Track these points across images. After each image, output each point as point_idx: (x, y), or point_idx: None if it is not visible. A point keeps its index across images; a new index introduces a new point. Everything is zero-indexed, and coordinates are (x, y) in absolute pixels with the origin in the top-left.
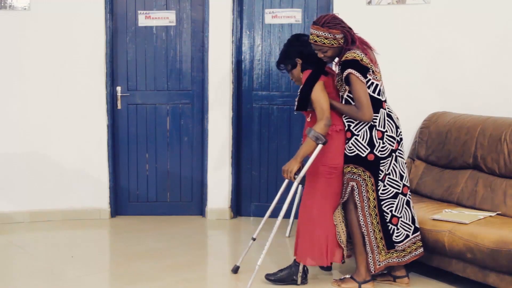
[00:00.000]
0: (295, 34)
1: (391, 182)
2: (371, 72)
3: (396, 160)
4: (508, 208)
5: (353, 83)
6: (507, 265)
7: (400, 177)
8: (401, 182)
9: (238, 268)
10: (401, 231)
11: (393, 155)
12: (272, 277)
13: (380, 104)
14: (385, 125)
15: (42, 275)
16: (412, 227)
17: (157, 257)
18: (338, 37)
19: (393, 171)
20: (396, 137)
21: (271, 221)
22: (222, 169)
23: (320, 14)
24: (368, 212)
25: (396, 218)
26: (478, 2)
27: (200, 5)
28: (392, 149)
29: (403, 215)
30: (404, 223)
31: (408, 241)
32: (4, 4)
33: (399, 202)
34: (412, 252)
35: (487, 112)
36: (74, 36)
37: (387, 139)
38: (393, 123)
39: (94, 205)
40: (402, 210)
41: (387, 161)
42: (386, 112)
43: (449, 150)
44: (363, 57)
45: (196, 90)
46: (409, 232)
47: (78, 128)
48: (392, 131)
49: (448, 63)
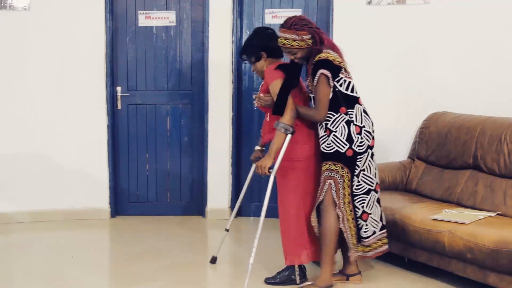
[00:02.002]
0: (261, 27)
1: (365, 178)
2: (343, 71)
3: (372, 157)
4: (508, 208)
5: (320, 83)
6: (507, 265)
7: (374, 174)
8: (374, 179)
9: (216, 259)
10: (369, 227)
11: (369, 151)
12: (272, 280)
13: (355, 100)
14: (362, 120)
15: (42, 275)
16: (379, 224)
17: (157, 257)
18: (306, 38)
19: (368, 167)
20: (373, 133)
21: (268, 220)
22: (222, 169)
23: (320, 14)
24: (344, 208)
25: (366, 214)
26: (478, 2)
27: (200, 5)
28: (368, 144)
29: (373, 212)
30: (373, 220)
31: (374, 238)
32: (4, 4)
33: (371, 199)
34: (377, 248)
35: (487, 112)
36: (74, 36)
37: (365, 134)
38: (369, 119)
39: (94, 205)
40: (372, 207)
41: (363, 157)
42: (362, 108)
43: (449, 150)
44: (335, 57)
45: (196, 90)
46: (376, 228)
47: (78, 128)
48: (369, 126)
49: (448, 63)
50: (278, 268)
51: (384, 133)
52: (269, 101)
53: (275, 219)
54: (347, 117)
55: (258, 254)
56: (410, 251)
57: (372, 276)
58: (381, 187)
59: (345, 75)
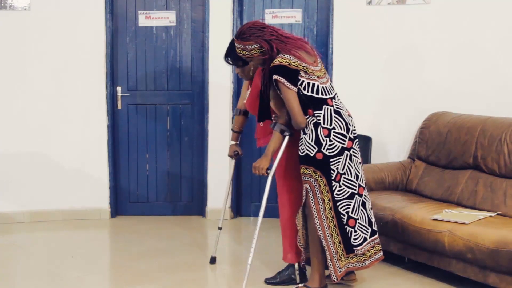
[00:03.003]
0: None
1: (346, 182)
2: (303, 74)
3: (351, 159)
4: (508, 208)
5: (282, 90)
6: (507, 265)
7: (355, 177)
8: (356, 182)
9: (215, 259)
10: (358, 234)
11: (346, 153)
12: (272, 280)
13: (322, 102)
14: (331, 122)
15: (42, 275)
16: (369, 230)
17: (157, 257)
18: (252, 47)
19: (348, 170)
20: (348, 134)
21: (267, 220)
22: (222, 169)
23: (320, 14)
24: (324, 215)
25: (353, 220)
26: (478, 3)
27: (200, 5)
28: (343, 146)
29: (360, 217)
30: (361, 225)
31: (367, 245)
32: (4, 4)
33: (356, 203)
34: (372, 256)
35: (487, 112)
36: (74, 36)
37: (335, 136)
38: (342, 120)
39: (94, 205)
40: (358, 212)
41: (338, 160)
42: (334, 108)
43: (449, 150)
44: (291, 61)
45: (196, 90)
46: (366, 235)
47: (78, 128)
48: (342, 128)
49: (448, 63)
50: (278, 268)
51: (384, 133)
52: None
53: (275, 219)
54: (315, 119)
55: (258, 254)
56: (410, 251)
57: (372, 276)
58: (381, 187)
59: (307, 77)
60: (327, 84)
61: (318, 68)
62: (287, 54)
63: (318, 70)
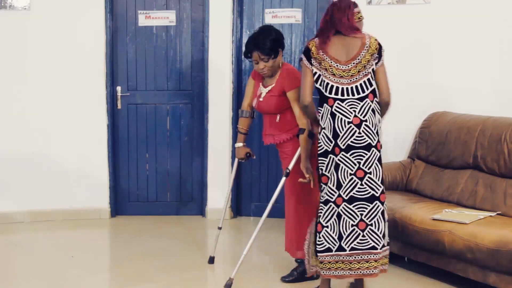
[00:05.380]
0: (267, 25)
1: (327, 188)
2: (314, 61)
3: (337, 167)
4: (508, 208)
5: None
6: (507, 265)
7: (337, 186)
8: (336, 192)
9: (213, 259)
10: (323, 241)
11: (331, 157)
12: (289, 277)
13: (324, 99)
14: (324, 121)
15: (42, 275)
16: (337, 244)
17: (157, 257)
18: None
19: (330, 177)
20: (334, 140)
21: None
22: (222, 169)
23: (320, 14)
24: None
25: (320, 226)
26: (478, 2)
27: (200, 5)
28: (327, 150)
29: (330, 226)
30: (328, 235)
31: (329, 257)
32: (4, 4)
33: (328, 211)
34: (332, 270)
35: (487, 112)
36: (74, 36)
37: (323, 136)
38: (332, 124)
39: (94, 205)
40: (329, 221)
41: (323, 161)
42: (331, 110)
43: (449, 150)
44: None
45: (196, 90)
46: (332, 246)
47: (78, 128)
48: (329, 130)
49: (448, 63)
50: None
51: (384, 133)
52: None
53: (275, 219)
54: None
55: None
56: (410, 251)
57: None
58: None
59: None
60: (344, 86)
61: (344, 67)
62: (316, 37)
63: (342, 69)
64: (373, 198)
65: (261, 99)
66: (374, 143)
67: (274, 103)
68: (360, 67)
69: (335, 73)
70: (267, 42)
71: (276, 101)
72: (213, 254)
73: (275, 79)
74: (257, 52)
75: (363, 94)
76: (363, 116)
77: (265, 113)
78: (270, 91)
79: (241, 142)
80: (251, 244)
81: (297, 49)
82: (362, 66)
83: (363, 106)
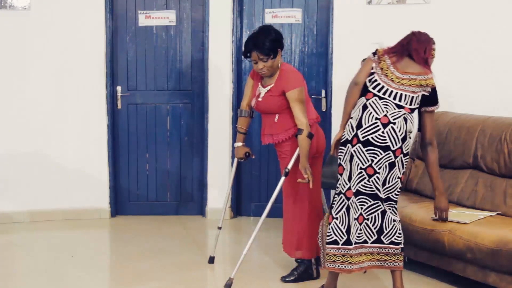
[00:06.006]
0: (267, 25)
1: (341, 179)
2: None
3: (352, 158)
4: (508, 208)
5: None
6: (507, 265)
7: (348, 178)
8: (347, 184)
9: (213, 258)
10: (331, 233)
11: (348, 147)
12: (290, 277)
13: (364, 92)
14: (355, 111)
15: (42, 275)
16: (344, 237)
17: (157, 257)
18: None
19: (344, 167)
20: (356, 130)
21: (267, 220)
22: (222, 169)
23: (320, 14)
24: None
25: (331, 217)
26: (477, 3)
27: (200, 5)
28: (347, 138)
29: (339, 218)
30: (337, 227)
31: (335, 249)
32: (4, 4)
33: (339, 203)
34: (337, 264)
35: (487, 112)
36: (74, 36)
37: (348, 125)
38: (359, 115)
39: (94, 205)
40: (339, 213)
41: (342, 150)
42: (365, 103)
43: (449, 150)
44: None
45: (196, 90)
46: (339, 239)
47: (78, 128)
48: (355, 120)
49: (448, 63)
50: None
51: None
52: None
53: (274, 218)
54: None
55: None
56: (410, 251)
57: (372, 275)
58: None
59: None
60: (390, 88)
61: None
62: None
63: (396, 75)
64: (376, 196)
65: (260, 99)
66: (394, 148)
67: (273, 103)
68: (413, 83)
69: (388, 74)
70: (266, 42)
71: (275, 101)
72: (213, 254)
73: (274, 79)
74: (256, 52)
75: (401, 103)
76: (393, 119)
77: (264, 113)
78: (269, 91)
79: (240, 142)
80: (251, 244)
81: (297, 49)
82: (415, 84)
83: (397, 111)
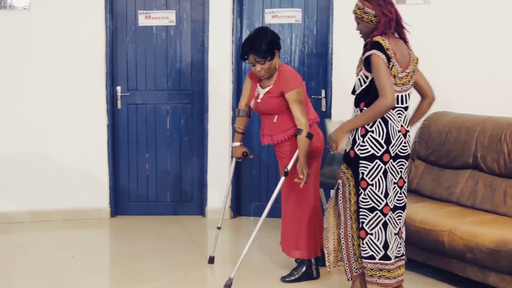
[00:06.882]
0: (263, 26)
1: (372, 194)
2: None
3: (385, 174)
4: (508, 208)
5: (374, 64)
6: (507, 265)
7: (384, 194)
8: (384, 200)
9: (213, 258)
10: (366, 248)
11: (377, 163)
12: (290, 277)
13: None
14: (373, 125)
15: (42, 275)
16: (382, 252)
17: (157, 257)
18: (368, 11)
19: (377, 183)
20: (386, 146)
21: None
22: (222, 169)
23: (320, 14)
24: (349, 215)
25: (364, 232)
26: (477, 2)
27: (200, 5)
28: (375, 154)
29: (374, 234)
30: (372, 243)
31: (372, 264)
32: (4, 4)
33: (374, 219)
34: (375, 278)
35: (487, 112)
36: (74, 36)
37: (370, 140)
38: (385, 128)
39: (94, 205)
40: (374, 229)
41: (367, 165)
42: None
43: (449, 150)
44: (389, 47)
45: (196, 90)
46: (375, 254)
47: (78, 128)
48: (381, 135)
49: (448, 63)
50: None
51: None
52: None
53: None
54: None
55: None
56: (410, 251)
57: None
58: None
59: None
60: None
61: (402, 75)
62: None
63: (400, 76)
64: (405, 206)
65: (259, 100)
66: (410, 153)
67: (272, 104)
68: (409, 76)
69: (396, 75)
70: (262, 44)
71: (274, 102)
72: (213, 254)
73: (272, 80)
74: (253, 55)
75: (406, 104)
76: (407, 126)
77: (263, 113)
78: (268, 93)
79: (238, 142)
80: (250, 244)
81: (297, 49)
82: (410, 76)
83: (406, 116)
